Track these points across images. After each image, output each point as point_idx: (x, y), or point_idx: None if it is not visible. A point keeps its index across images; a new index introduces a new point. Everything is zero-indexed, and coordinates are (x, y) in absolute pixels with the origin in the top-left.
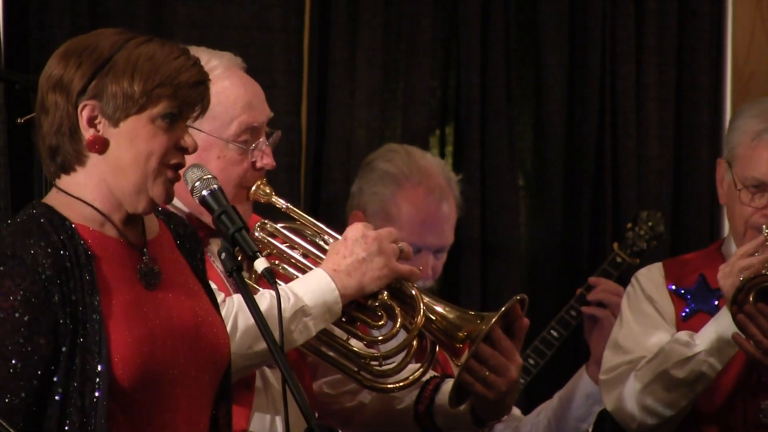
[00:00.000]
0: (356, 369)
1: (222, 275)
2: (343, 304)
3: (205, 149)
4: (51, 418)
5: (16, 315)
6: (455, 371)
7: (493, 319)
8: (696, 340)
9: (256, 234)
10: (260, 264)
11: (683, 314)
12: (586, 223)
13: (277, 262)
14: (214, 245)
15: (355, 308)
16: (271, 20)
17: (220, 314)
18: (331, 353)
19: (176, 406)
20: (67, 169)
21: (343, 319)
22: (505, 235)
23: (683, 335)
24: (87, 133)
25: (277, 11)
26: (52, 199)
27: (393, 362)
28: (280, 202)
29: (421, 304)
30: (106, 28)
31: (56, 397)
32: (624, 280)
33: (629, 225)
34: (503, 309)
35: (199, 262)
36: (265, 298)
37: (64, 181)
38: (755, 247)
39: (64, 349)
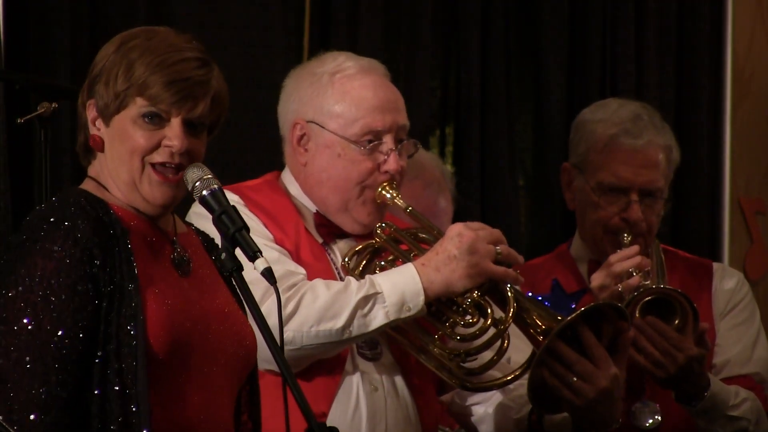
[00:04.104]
0: (443, 364)
1: (335, 268)
2: (428, 298)
3: (328, 146)
4: (94, 377)
5: (61, 278)
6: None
7: (569, 317)
8: None
9: (377, 233)
10: (260, 264)
11: None
12: None
13: (383, 263)
14: (341, 244)
15: (446, 304)
16: (271, 20)
17: (246, 316)
18: (421, 347)
19: (205, 384)
20: (92, 161)
21: (432, 313)
22: (505, 235)
23: None
24: (91, 132)
25: (277, 11)
26: (84, 184)
27: (478, 359)
28: (404, 205)
29: (512, 306)
30: (138, 29)
31: (96, 360)
32: None
33: None
34: (583, 309)
35: (227, 275)
36: (343, 283)
37: (93, 169)
38: (623, 257)
39: (102, 311)
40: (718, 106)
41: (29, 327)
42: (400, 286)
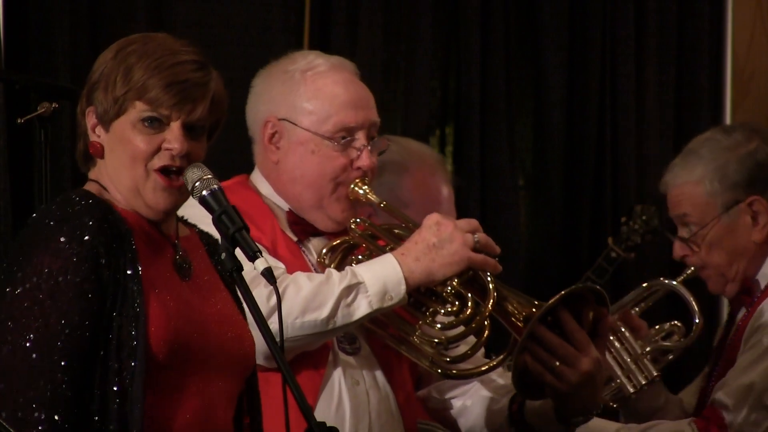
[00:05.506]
0: (425, 354)
1: (312, 266)
2: (409, 287)
3: (302, 143)
4: (96, 376)
5: (68, 276)
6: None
7: (550, 302)
8: None
9: (351, 229)
10: (260, 264)
11: None
12: (586, 223)
13: (360, 256)
14: (315, 242)
15: (426, 294)
16: (271, 20)
17: (246, 320)
18: (402, 338)
19: (204, 388)
20: (92, 167)
21: (411, 303)
22: (505, 235)
23: None
24: (91, 139)
25: (277, 11)
26: (87, 186)
27: (459, 348)
28: (378, 200)
29: (492, 294)
30: (132, 36)
31: (98, 359)
32: (619, 276)
33: (623, 219)
34: (563, 293)
35: (227, 275)
36: (324, 274)
37: (94, 174)
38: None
39: (106, 310)
40: (718, 106)
41: (35, 325)
42: (381, 276)
